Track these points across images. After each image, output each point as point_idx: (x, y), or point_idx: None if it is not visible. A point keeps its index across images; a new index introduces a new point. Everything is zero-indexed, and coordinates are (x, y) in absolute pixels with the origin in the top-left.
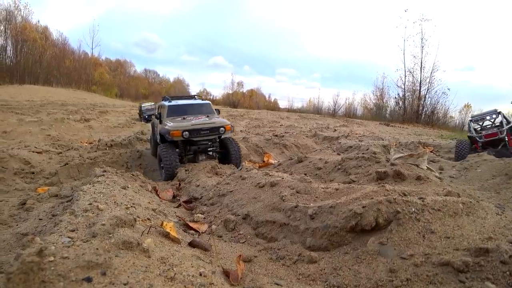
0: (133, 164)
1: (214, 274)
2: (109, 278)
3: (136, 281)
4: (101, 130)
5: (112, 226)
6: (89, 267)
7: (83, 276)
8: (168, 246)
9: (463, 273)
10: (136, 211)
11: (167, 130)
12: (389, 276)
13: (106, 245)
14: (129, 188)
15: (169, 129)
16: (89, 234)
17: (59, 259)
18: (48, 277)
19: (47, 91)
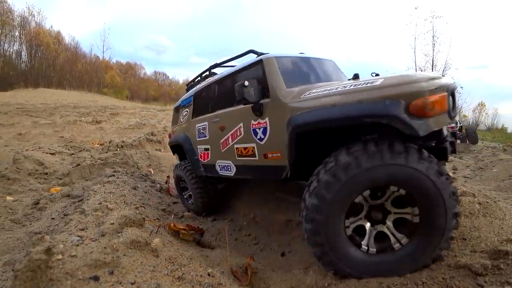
0: (143, 165)
1: (223, 274)
2: (117, 277)
3: (144, 281)
4: (112, 132)
5: (121, 226)
6: (97, 265)
7: (91, 274)
8: (176, 246)
9: (482, 276)
10: (145, 211)
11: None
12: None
13: (114, 244)
14: (139, 188)
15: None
16: (98, 233)
17: (67, 257)
18: (56, 275)
19: (60, 94)
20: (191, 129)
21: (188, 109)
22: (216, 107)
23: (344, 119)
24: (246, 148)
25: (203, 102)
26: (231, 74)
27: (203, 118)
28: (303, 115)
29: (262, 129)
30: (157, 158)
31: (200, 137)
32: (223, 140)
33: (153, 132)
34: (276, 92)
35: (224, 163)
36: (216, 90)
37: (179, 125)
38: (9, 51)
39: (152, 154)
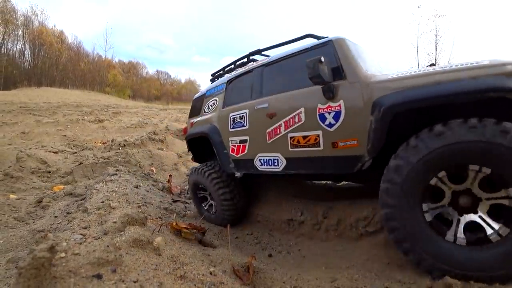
0: (145, 164)
1: (225, 273)
2: (119, 275)
3: (146, 279)
4: (115, 131)
5: (124, 224)
6: (100, 264)
7: (94, 272)
8: (178, 244)
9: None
10: (147, 210)
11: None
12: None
13: (117, 242)
14: (141, 187)
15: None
16: (101, 232)
17: (71, 255)
18: (59, 273)
19: (63, 93)
20: (222, 119)
21: (217, 98)
22: (262, 92)
23: (459, 94)
24: (307, 137)
25: (242, 88)
26: (288, 56)
27: (241, 106)
28: (401, 93)
29: (333, 114)
30: (159, 157)
31: (235, 128)
32: (271, 129)
33: (155, 131)
34: (355, 73)
35: (269, 157)
36: (264, 74)
37: (203, 116)
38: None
39: (154, 153)
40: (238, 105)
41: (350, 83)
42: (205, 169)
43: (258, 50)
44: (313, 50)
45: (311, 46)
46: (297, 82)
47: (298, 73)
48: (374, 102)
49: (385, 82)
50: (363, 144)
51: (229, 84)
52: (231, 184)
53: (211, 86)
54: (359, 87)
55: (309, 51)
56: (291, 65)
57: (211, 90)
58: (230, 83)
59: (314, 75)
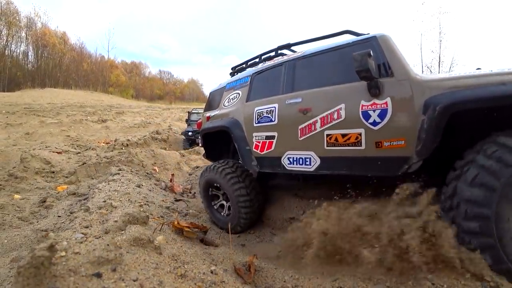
0: (148, 163)
1: (226, 272)
2: (119, 274)
3: (146, 278)
4: (118, 130)
5: (125, 223)
6: (100, 262)
7: (93, 271)
8: (180, 243)
9: None
10: (149, 209)
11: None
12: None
13: (117, 241)
14: (143, 186)
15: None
16: (102, 231)
17: (71, 254)
18: (59, 271)
19: (67, 94)
20: (245, 113)
21: (239, 91)
22: (294, 87)
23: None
24: (347, 135)
25: (270, 82)
26: (327, 51)
27: (269, 100)
28: (461, 92)
29: (378, 112)
30: (162, 157)
31: (261, 123)
32: (304, 126)
33: (158, 130)
34: (404, 70)
35: (300, 155)
36: (296, 68)
37: (222, 109)
38: (16, 52)
39: (157, 152)
40: (266, 99)
41: (399, 80)
42: (221, 166)
43: (288, 44)
44: (356, 46)
45: (353, 42)
46: (336, 77)
47: (337, 68)
48: (427, 101)
49: (439, 81)
50: (411, 144)
51: (255, 77)
52: (249, 183)
53: (231, 79)
54: (408, 85)
55: (351, 47)
56: (329, 60)
57: (232, 83)
58: (257, 76)
59: (363, 69)
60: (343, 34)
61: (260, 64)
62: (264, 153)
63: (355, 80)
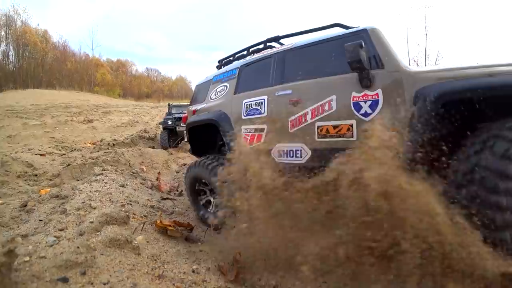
0: (135, 162)
1: (209, 270)
2: (89, 278)
3: (119, 280)
4: (105, 130)
5: (101, 224)
6: (67, 266)
7: (59, 276)
8: (162, 242)
9: None
10: (132, 208)
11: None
12: None
13: (92, 243)
14: (128, 185)
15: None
16: (77, 233)
17: (35, 259)
18: (21, 277)
19: (51, 94)
20: (233, 106)
21: (227, 83)
22: (284, 79)
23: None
24: (338, 126)
25: (259, 74)
26: (317, 43)
27: (258, 92)
28: (451, 83)
29: (370, 103)
30: (150, 155)
31: (250, 115)
32: (294, 118)
33: (146, 129)
34: (395, 62)
35: (291, 147)
36: (286, 60)
37: (209, 102)
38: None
39: (144, 151)
40: (255, 92)
41: (389, 72)
42: (208, 162)
43: (277, 36)
44: (346, 38)
45: (344, 34)
46: (327, 69)
47: (328, 60)
48: (418, 92)
49: (429, 72)
50: (404, 135)
51: (243, 69)
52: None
53: (218, 72)
54: (399, 76)
55: (341, 39)
56: (320, 52)
57: (220, 76)
58: (245, 68)
59: (354, 60)
60: (333, 27)
61: (249, 56)
62: (253, 146)
63: (346, 71)
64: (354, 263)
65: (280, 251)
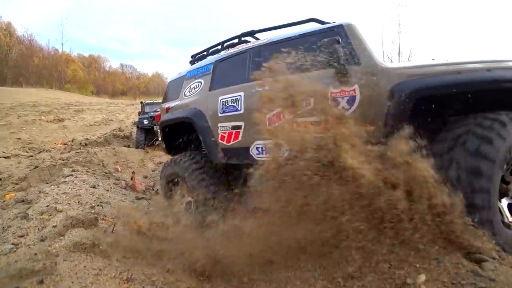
0: (109, 162)
1: (184, 270)
2: (47, 286)
3: (81, 287)
4: (77, 130)
5: (66, 228)
6: (22, 275)
7: (12, 286)
8: (135, 244)
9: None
10: (102, 210)
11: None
12: None
13: (54, 249)
14: (99, 186)
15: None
16: (38, 238)
17: None
18: None
19: (16, 92)
20: (209, 103)
21: (201, 79)
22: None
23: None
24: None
25: (234, 70)
26: (293, 38)
27: (234, 89)
28: (424, 80)
29: (347, 99)
30: (125, 154)
31: (226, 112)
32: (272, 114)
33: (121, 127)
34: (371, 59)
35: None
36: (262, 55)
37: (183, 99)
38: None
39: (118, 150)
40: (231, 88)
41: (365, 68)
42: (184, 160)
43: (252, 31)
44: (323, 34)
45: (320, 29)
46: (304, 65)
47: (305, 55)
48: (393, 88)
49: (404, 69)
50: (379, 130)
51: (218, 65)
52: (214, 175)
53: (192, 67)
54: (375, 72)
55: (318, 34)
56: (297, 47)
57: (193, 72)
58: (220, 63)
59: (332, 56)
60: (309, 22)
61: (223, 51)
62: (231, 144)
63: (323, 67)
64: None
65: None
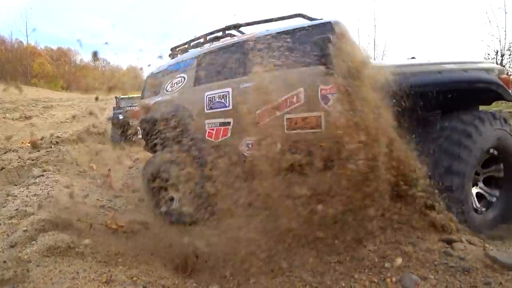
0: (83, 160)
1: (166, 268)
2: None
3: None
4: (46, 127)
5: (38, 231)
6: None
7: None
8: (113, 243)
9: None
10: (77, 210)
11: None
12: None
13: (25, 254)
14: (73, 186)
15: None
16: (7, 245)
17: None
18: None
19: None
20: (194, 99)
21: (184, 74)
22: (249, 70)
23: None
24: (306, 118)
25: (221, 64)
26: (282, 33)
27: (221, 84)
28: (406, 78)
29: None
30: (100, 152)
31: (214, 108)
32: (262, 110)
33: (95, 124)
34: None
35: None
36: (250, 50)
37: (165, 95)
38: None
39: (93, 148)
40: (217, 83)
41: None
42: (167, 156)
43: (237, 24)
44: (311, 30)
45: (309, 26)
46: (293, 61)
47: (294, 52)
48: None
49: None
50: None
51: (203, 59)
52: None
53: (173, 61)
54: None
55: (305, 31)
56: (286, 43)
57: (175, 66)
58: (204, 58)
59: (323, 53)
60: (295, 17)
61: (207, 45)
62: (219, 141)
63: (313, 64)
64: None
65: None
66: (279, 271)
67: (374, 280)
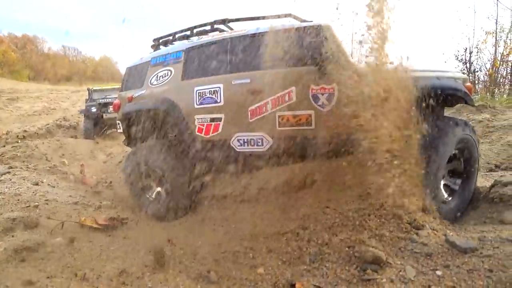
0: (54, 156)
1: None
2: None
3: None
4: (12, 121)
5: (4, 232)
6: None
7: None
8: (87, 241)
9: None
10: (48, 208)
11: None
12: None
13: None
14: (43, 183)
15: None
16: None
17: None
18: None
19: None
20: (182, 93)
21: (171, 67)
22: (241, 66)
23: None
24: (297, 116)
25: (211, 59)
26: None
27: (212, 79)
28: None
29: (327, 95)
30: (71, 146)
31: (204, 104)
32: (254, 107)
33: (66, 117)
34: (345, 57)
35: (251, 136)
36: (243, 46)
37: (149, 88)
38: None
39: (64, 142)
40: (208, 78)
41: (342, 67)
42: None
43: (226, 19)
44: (302, 31)
45: (300, 27)
46: (285, 60)
47: (287, 51)
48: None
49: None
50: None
51: (191, 52)
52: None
53: (158, 53)
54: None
55: (296, 31)
56: (278, 42)
57: (160, 58)
58: (193, 51)
59: (315, 54)
60: (286, 17)
61: (195, 38)
62: (210, 136)
63: (306, 64)
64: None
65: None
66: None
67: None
